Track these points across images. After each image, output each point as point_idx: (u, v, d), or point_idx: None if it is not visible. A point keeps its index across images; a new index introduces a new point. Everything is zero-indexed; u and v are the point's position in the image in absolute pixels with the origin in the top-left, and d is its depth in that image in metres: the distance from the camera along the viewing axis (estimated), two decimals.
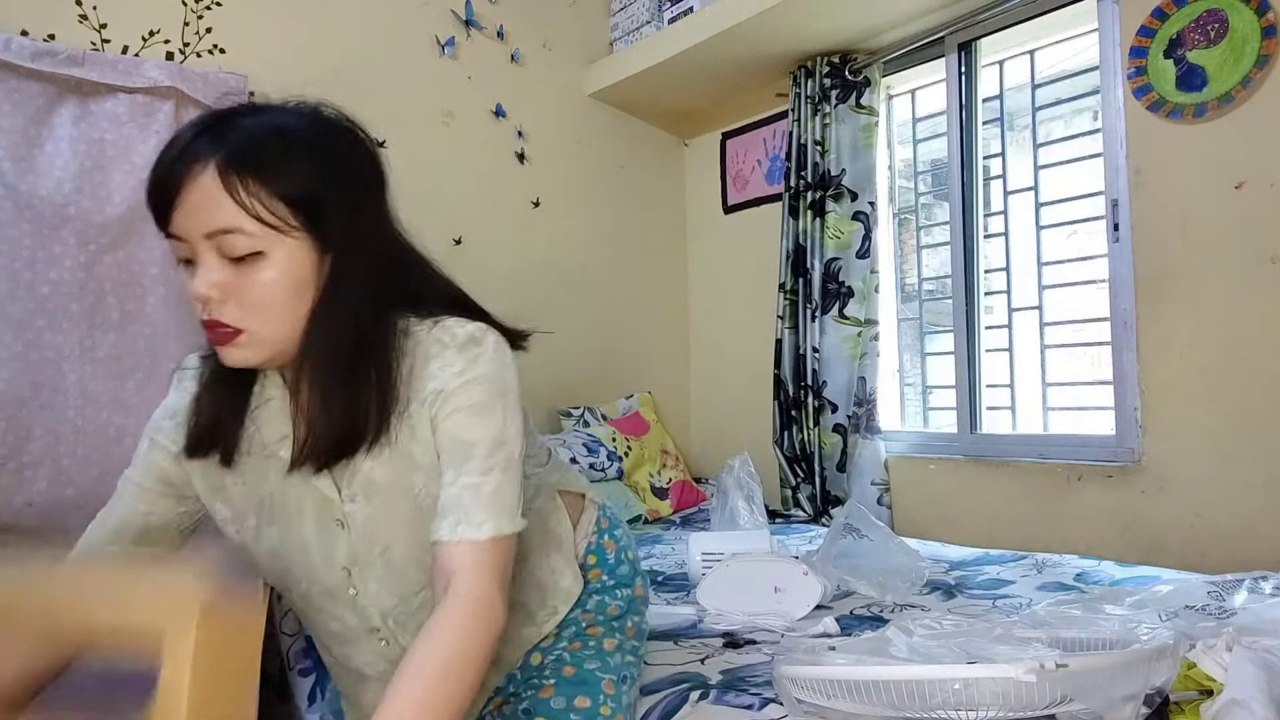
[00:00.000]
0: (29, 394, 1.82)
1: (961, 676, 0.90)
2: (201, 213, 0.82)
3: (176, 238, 0.85)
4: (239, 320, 0.84)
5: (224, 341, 0.85)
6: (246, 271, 0.84)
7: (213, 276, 0.83)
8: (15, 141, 1.86)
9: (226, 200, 0.82)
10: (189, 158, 0.83)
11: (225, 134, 0.85)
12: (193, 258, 0.85)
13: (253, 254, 0.84)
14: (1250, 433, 2.02)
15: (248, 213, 0.83)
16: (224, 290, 0.84)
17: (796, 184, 2.89)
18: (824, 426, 2.81)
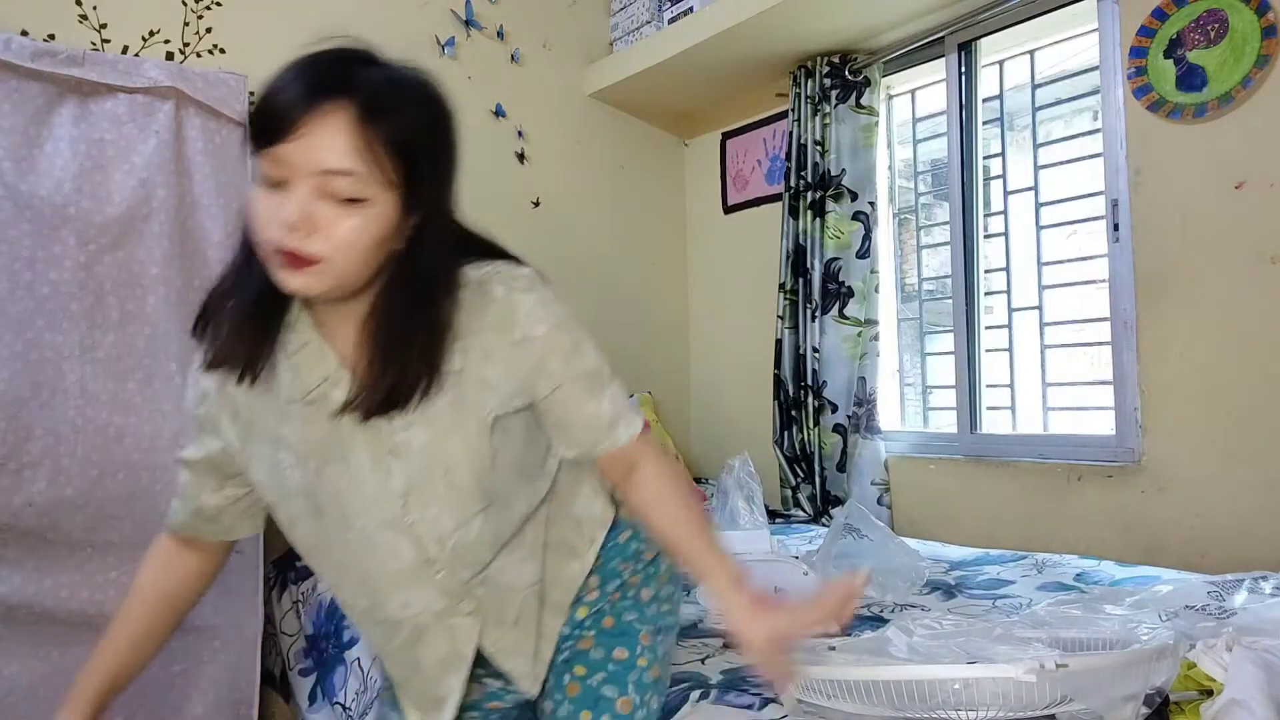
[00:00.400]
0: (29, 394, 1.82)
1: (961, 677, 0.90)
2: (321, 150, 0.83)
3: (275, 159, 0.85)
4: (319, 253, 0.85)
5: (296, 267, 0.86)
6: (340, 211, 0.85)
7: (308, 207, 0.84)
8: (15, 141, 1.85)
9: (351, 145, 0.84)
10: (322, 93, 0.85)
11: (359, 80, 0.88)
12: (285, 182, 0.85)
13: (353, 199, 0.85)
14: (1250, 433, 2.02)
15: (365, 161, 0.84)
16: (313, 224, 0.84)
17: (796, 184, 2.89)
18: (824, 426, 2.81)
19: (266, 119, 0.86)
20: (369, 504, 0.96)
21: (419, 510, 0.96)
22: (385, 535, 0.97)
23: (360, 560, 0.99)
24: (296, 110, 0.84)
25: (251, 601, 2.07)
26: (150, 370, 1.97)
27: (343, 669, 1.99)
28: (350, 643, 2.00)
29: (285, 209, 0.84)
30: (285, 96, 0.85)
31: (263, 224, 0.86)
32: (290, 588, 2.33)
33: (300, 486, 0.97)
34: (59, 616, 1.84)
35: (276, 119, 0.85)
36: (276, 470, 0.98)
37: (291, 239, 0.84)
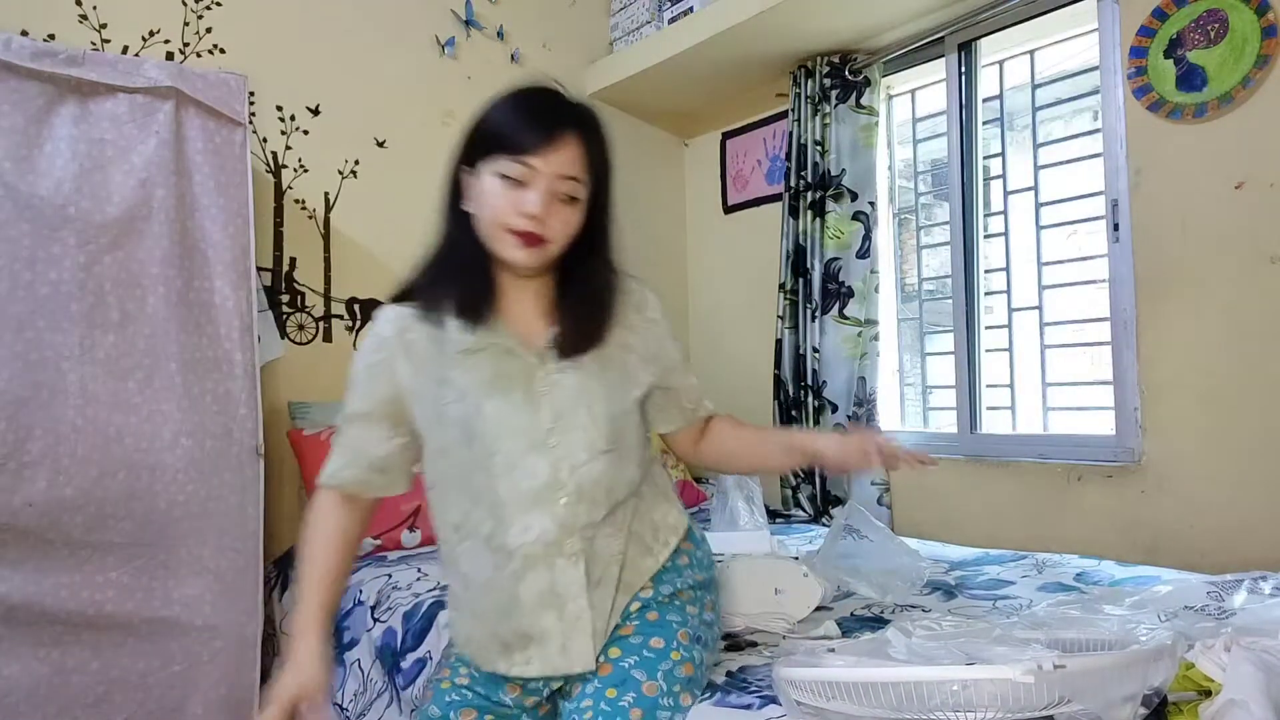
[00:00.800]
0: (29, 394, 1.82)
1: (960, 678, 0.90)
2: (564, 162, 1.17)
3: (526, 165, 1.16)
4: (547, 234, 1.18)
5: (533, 244, 1.17)
6: (563, 207, 1.19)
7: (547, 202, 1.16)
8: (15, 141, 1.85)
9: (581, 161, 1.19)
10: (567, 124, 1.18)
11: (581, 116, 1.22)
12: (527, 182, 1.16)
13: (571, 197, 1.19)
14: (1250, 433, 2.02)
15: (583, 173, 1.20)
16: (548, 213, 1.17)
17: (796, 184, 2.89)
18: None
19: (523, 135, 1.16)
20: (519, 431, 1.19)
21: (561, 435, 1.20)
22: (527, 458, 1.19)
23: (497, 483, 1.19)
24: (549, 133, 1.16)
25: (251, 601, 2.07)
26: (150, 370, 1.97)
27: (341, 670, 2.00)
28: (350, 644, 2.00)
29: (528, 202, 1.15)
30: (541, 122, 1.17)
31: (503, 211, 1.16)
32: (290, 588, 2.33)
33: (458, 418, 1.20)
34: (59, 616, 1.84)
35: (533, 136, 1.16)
36: (439, 405, 1.21)
37: (531, 224, 1.16)
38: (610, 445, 1.23)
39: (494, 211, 1.17)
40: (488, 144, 1.19)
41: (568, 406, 1.21)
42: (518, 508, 1.19)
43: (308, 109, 2.69)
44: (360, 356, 1.30)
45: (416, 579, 2.03)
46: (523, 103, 1.21)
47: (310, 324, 2.68)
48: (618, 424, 1.25)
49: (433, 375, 1.23)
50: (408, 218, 2.88)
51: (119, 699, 1.91)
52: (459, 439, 1.20)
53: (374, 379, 1.26)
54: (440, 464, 1.25)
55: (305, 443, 2.43)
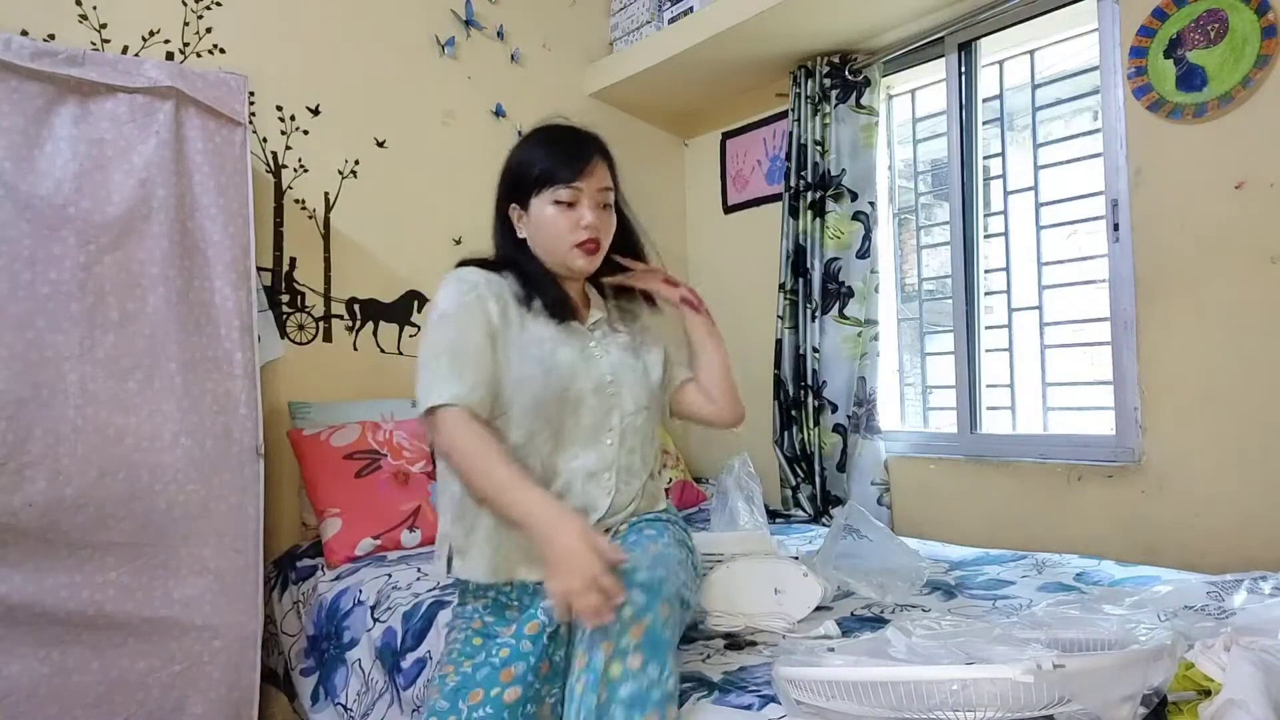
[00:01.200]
0: (29, 394, 1.82)
1: (959, 677, 0.90)
2: (599, 178, 1.48)
3: (575, 188, 1.45)
4: (601, 238, 1.49)
5: (593, 251, 1.48)
6: (604, 213, 1.50)
7: (598, 213, 1.48)
8: (15, 141, 1.85)
9: (609, 174, 1.51)
10: (594, 150, 1.49)
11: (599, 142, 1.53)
12: (575, 202, 1.46)
13: (607, 205, 1.51)
14: (1250, 433, 2.02)
15: (613, 183, 1.53)
16: (601, 221, 1.48)
17: (796, 184, 2.89)
18: (824, 426, 2.81)
19: (567, 165, 1.45)
20: (585, 374, 1.47)
21: (617, 385, 1.50)
22: (591, 398, 1.46)
23: (564, 413, 1.45)
24: (587, 158, 1.47)
25: (251, 601, 2.07)
26: (150, 370, 1.97)
27: (344, 669, 2.00)
28: (351, 643, 2.00)
29: (586, 217, 1.45)
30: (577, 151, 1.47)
31: (567, 230, 1.46)
32: (291, 588, 2.34)
33: (538, 356, 1.44)
34: (59, 616, 1.84)
35: (575, 164, 1.45)
36: (521, 343, 1.44)
37: (591, 232, 1.46)
38: (649, 404, 1.55)
39: (559, 231, 1.46)
40: (538, 181, 1.46)
41: (622, 365, 1.52)
42: (573, 438, 1.46)
43: (308, 109, 2.69)
44: (448, 298, 1.43)
45: (416, 579, 2.03)
46: (556, 140, 1.49)
47: (310, 324, 2.69)
48: (653, 390, 1.57)
49: (514, 321, 1.46)
50: (408, 218, 2.89)
51: (119, 699, 1.91)
52: (538, 373, 1.42)
53: (471, 313, 1.42)
54: (516, 391, 1.42)
55: (305, 443, 2.43)
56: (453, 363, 1.38)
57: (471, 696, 1.25)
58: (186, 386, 2.00)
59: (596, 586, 1.14)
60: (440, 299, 1.44)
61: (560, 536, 1.19)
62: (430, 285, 2.89)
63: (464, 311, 1.42)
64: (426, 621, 1.81)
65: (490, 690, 1.24)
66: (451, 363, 1.38)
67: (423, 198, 2.92)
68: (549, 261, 1.50)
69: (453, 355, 1.39)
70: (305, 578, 2.31)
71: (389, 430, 2.53)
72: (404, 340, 2.86)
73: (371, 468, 2.42)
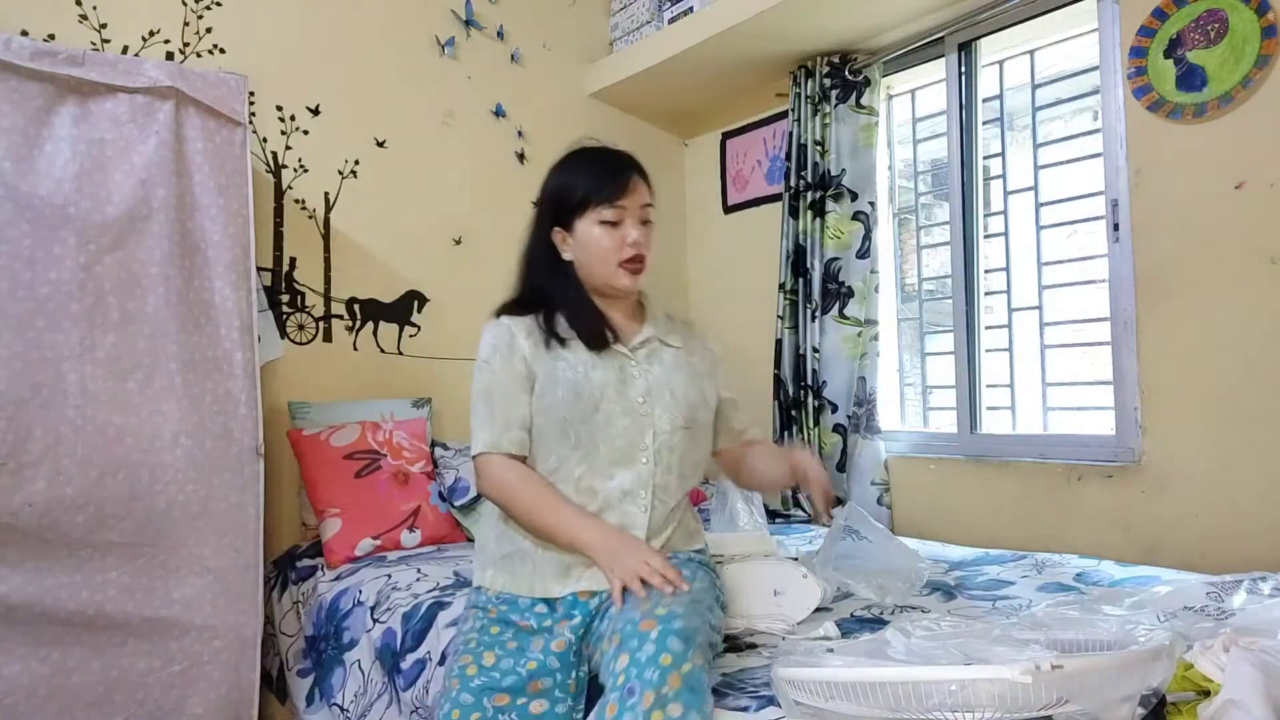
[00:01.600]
0: (29, 394, 1.82)
1: (958, 678, 0.90)
2: (641, 197, 1.51)
3: (620, 207, 1.48)
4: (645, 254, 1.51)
5: (638, 269, 1.51)
6: (646, 229, 1.52)
7: (641, 229, 1.50)
8: (15, 141, 1.85)
9: (649, 193, 1.53)
10: (633, 169, 1.53)
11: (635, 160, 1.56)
12: (620, 221, 1.48)
13: (648, 221, 1.52)
14: (1250, 433, 2.01)
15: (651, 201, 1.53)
16: (645, 237, 1.51)
17: (796, 184, 2.89)
18: (824, 426, 2.81)
19: (610, 185, 1.48)
20: (618, 397, 1.47)
21: (650, 406, 1.49)
22: (623, 420, 1.47)
23: (595, 435, 1.46)
24: (629, 180, 1.50)
25: (251, 601, 2.07)
26: (150, 370, 1.97)
27: (341, 670, 1.99)
28: (350, 644, 2.00)
29: (632, 234, 1.48)
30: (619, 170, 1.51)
31: (613, 249, 1.48)
32: (290, 588, 2.34)
33: (569, 380, 1.46)
34: (59, 616, 1.84)
35: (618, 183, 1.49)
36: (553, 370, 1.47)
37: (636, 249, 1.49)
38: (688, 424, 1.53)
39: (606, 251, 1.48)
40: (582, 203, 1.49)
41: (656, 386, 1.51)
42: (608, 458, 1.46)
43: (308, 109, 2.69)
44: (484, 346, 1.52)
45: (416, 579, 2.03)
46: (597, 162, 1.53)
47: (310, 324, 2.69)
48: (694, 410, 1.55)
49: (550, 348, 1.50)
50: (408, 218, 2.89)
51: (119, 699, 1.91)
52: (568, 397, 1.45)
53: (503, 355, 1.48)
54: (547, 417, 1.46)
55: (305, 443, 2.43)
56: (485, 408, 1.48)
57: (498, 699, 1.30)
58: (186, 386, 2.00)
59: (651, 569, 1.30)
60: (480, 348, 1.52)
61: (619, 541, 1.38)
62: (430, 285, 2.91)
63: (496, 355, 1.49)
64: (426, 622, 1.81)
65: (517, 699, 1.31)
66: (485, 408, 1.48)
67: (423, 198, 2.92)
68: (595, 282, 1.52)
69: (486, 400, 1.49)
70: (305, 578, 2.31)
71: (389, 430, 2.53)
72: (404, 340, 2.86)
73: (371, 468, 2.42)
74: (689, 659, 1.17)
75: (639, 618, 1.24)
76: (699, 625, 1.25)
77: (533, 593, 1.45)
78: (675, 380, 1.53)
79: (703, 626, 1.26)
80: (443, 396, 2.86)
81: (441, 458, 2.58)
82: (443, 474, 2.53)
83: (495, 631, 1.41)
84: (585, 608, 1.42)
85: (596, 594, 1.42)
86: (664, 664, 1.16)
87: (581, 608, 1.42)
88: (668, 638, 1.18)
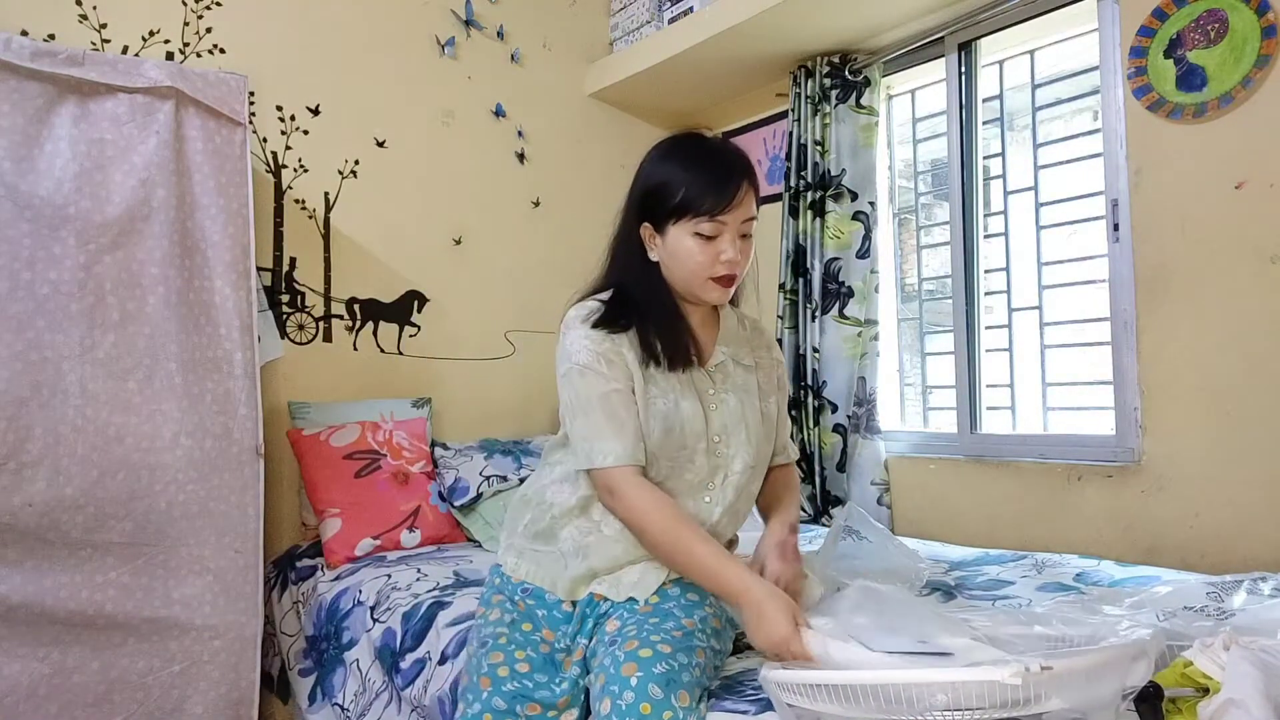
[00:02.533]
0: (29, 394, 1.82)
1: (947, 680, 0.90)
2: (746, 208, 1.39)
3: (720, 223, 1.36)
4: (739, 272, 1.42)
5: (730, 285, 1.41)
6: (744, 243, 1.41)
7: (739, 244, 1.39)
8: (15, 141, 1.86)
9: (754, 207, 1.41)
10: (741, 175, 1.38)
11: (746, 163, 1.42)
12: (716, 235, 1.37)
13: (748, 235, 1.42)
14: (1250, 433, 2.01)
15: (755, 214, 1.42)
16: (742, 253, 1.40)
17: (796, 184, 2.89)
18: (824, 426, 2.81)
19: (714, 198, 1.35)
20: (699, 432, 1.41)
21: (725, 446, 1.44)
22: (700, 458, 1.42)
23: (675, 469, 1.41)
24: (735, 190, 1.36)
25: (251, 601, 2.07)
26: (150, 370, 1.97)
27: (342, 670, 2.00)
28: (350, 644, 2.00)
29: (728, 252, 1.37)
30: (727, 182, 1.36)
31: (706, 265, 1.37)
32: (290, 588, 2.34)
33: (662, 412, 1.39)
34: (59, 616, 1.84)
35: (723, 197, 1.35)
36: (647, 397, 1.40)
37: (731, 268, 1.39)
38: (755, 462, 1.47)
39: (698, 266, 1.38)
40: (679, 209, 1.36)
41: (731, 423, 1.45)
42: (675, 489, 1.41)
43: (308, 109, 2.69)
44: (583, 349, 1.40)
45: (416, 579, 2.03)
46: (704, 163, 1.38)
47: (310, 324, 2.69)
48: (761, 447, 1.49)
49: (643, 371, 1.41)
50: (408, 218, 2.89)
51: (119, 699, 1.91)
52: (660, 428, 1.39)
53: (613, 362, 1.39)
54: (649, 442, 1.39)
55: (305, 443, 2.43)
56: (607, 417, 1.36)
57: (530, 708, 1.29)
58: (186, 386, 2.00)
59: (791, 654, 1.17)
60: (573, 349, 1.40)
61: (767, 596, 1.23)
62: (430, 285, 2.91)
63: (602, 361, 1.38)
64: (426, 622, 1.81)
65: (548, 712, 1.30)
66: (606, 417, 1.36)
67: (423, 198, 2.92)
68: (680, 289, 1.43)
69: (606, 408, 1.36)
70: (305, 578, 2.31)
71: (389, 430, 2.53)
72: (404, 340, 2.87)
73: (371, 468, 2.42)
74: (670, 705, 1.16)
75: (623, 658, 1.22)
76: (685, 663, 1.23)
77: (555, 589, 1.42)
78: (749, 414, 1.46)
79: (690, 664, 1.23)
80: (443, 396, 2.86)
81: (441, 458, 2.58)
82: (443, 474, 2.53)
83: (527, 629, 1.38)
84: (596, 609, 1.41)
85: (606, 599, 1.40)
86: (644, 713, 1.15)
87: (594, 610, 1.41)
88: (648, 684, 1.17)
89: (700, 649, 1.29)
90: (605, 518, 1.43)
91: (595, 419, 1.36)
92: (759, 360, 1.55)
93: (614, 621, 1.35)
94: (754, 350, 1.55)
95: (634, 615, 1.34)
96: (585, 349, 1.39)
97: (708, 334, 1.50)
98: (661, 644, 1.24)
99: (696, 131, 1.46)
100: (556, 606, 1.42)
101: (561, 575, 1.43)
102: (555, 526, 1.45)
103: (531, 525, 1.49)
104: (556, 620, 1.41)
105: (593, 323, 1.41)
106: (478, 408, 2.96)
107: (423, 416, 2.68)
